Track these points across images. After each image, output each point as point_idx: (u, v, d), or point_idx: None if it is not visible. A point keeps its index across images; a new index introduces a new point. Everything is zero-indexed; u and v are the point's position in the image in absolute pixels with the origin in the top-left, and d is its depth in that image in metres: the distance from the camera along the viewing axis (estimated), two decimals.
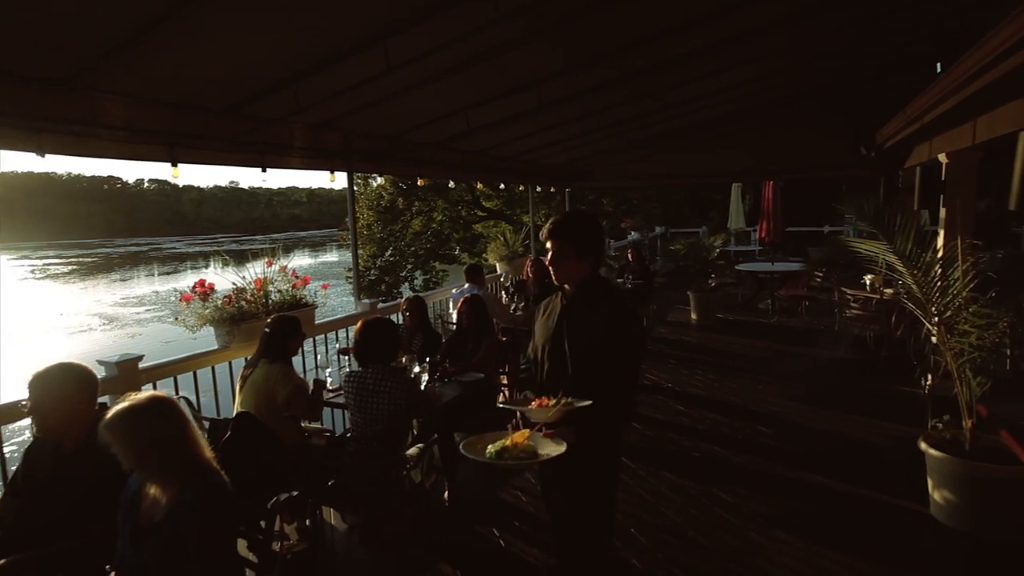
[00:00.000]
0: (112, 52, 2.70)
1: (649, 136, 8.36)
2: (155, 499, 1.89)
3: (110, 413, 1.83)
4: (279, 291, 4.16)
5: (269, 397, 3.23)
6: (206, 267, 39.45)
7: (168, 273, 37.05)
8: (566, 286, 2.30)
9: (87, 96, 2.97)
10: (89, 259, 48.87)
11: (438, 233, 18.40)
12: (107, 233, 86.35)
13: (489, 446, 2.06)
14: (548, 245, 2.26)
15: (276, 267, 4.24)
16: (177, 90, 3.33)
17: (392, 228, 17.95)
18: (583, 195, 15.81)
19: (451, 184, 5.74)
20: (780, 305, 9.70)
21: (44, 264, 43.67)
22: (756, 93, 7.23)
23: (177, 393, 3.63)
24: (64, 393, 2.25)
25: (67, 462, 2.29)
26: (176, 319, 3.81)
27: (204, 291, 3.69)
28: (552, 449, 2.02)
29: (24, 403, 2.24)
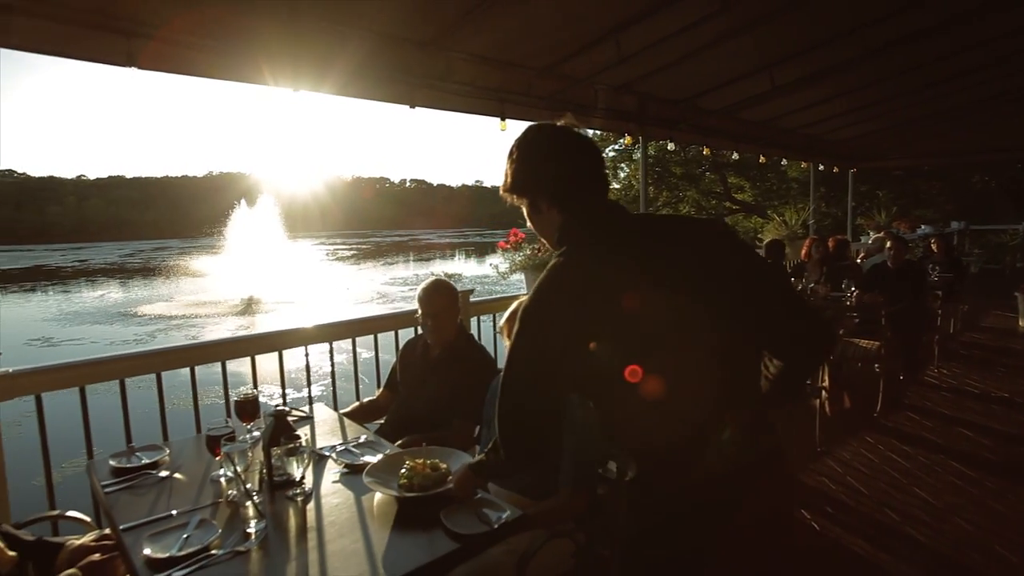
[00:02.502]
0: (466, 16, 3.00)
1: (965, 102, 6.84)
2: None
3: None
4: None
5: None
6: (452, 257, 43.90)
7: (423, 260, 41.87)
8: None
9: (444, 56, 3.35)
10: (364, 246, 57.58)
11: None
12: (378, 224, 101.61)
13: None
14: None
15: None
16: (508, 50, 3.61)
17: None
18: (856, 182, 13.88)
19: (735, 155, 5.40)
20: None
21: (334, 248, 52.77)
22: None
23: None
24: (444, 302, 2.56)
25: (435, 364, 2.60)
26: (490, 265, 4.19)
27: (516, 240, 3.96)
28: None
29: (416, 314, 2.59)
